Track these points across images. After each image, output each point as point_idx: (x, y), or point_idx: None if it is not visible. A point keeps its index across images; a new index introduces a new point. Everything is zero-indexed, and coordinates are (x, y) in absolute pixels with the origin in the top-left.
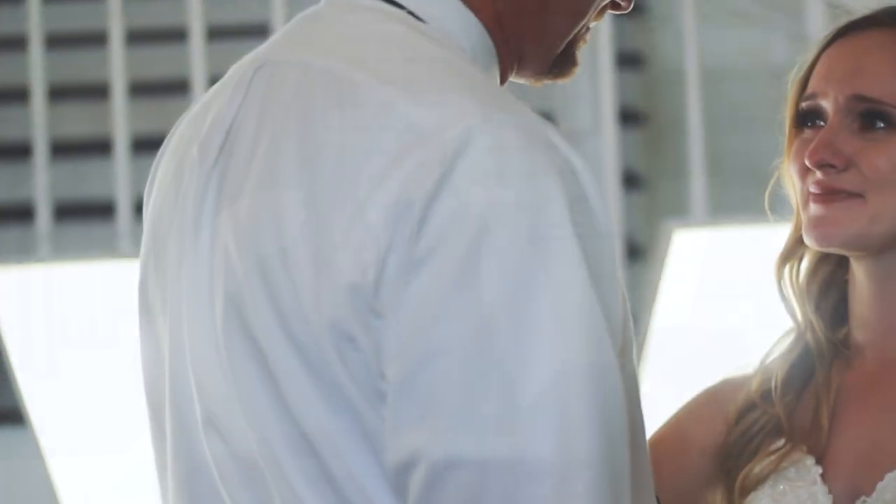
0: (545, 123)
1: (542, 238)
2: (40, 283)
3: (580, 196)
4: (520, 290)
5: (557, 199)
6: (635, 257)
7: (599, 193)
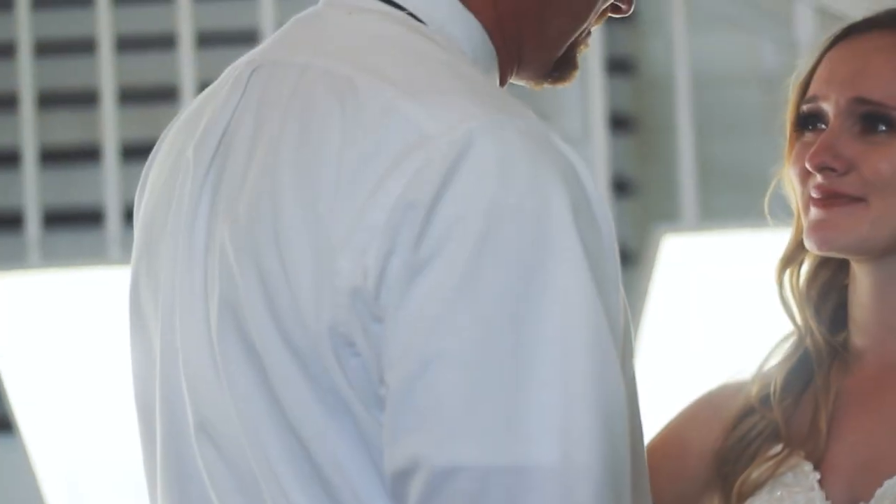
0: (547, 126)
1: (545, 242)
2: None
3: (583, 199)
4: (521, 296)
5: (560, 202)
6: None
7: (601, 197)
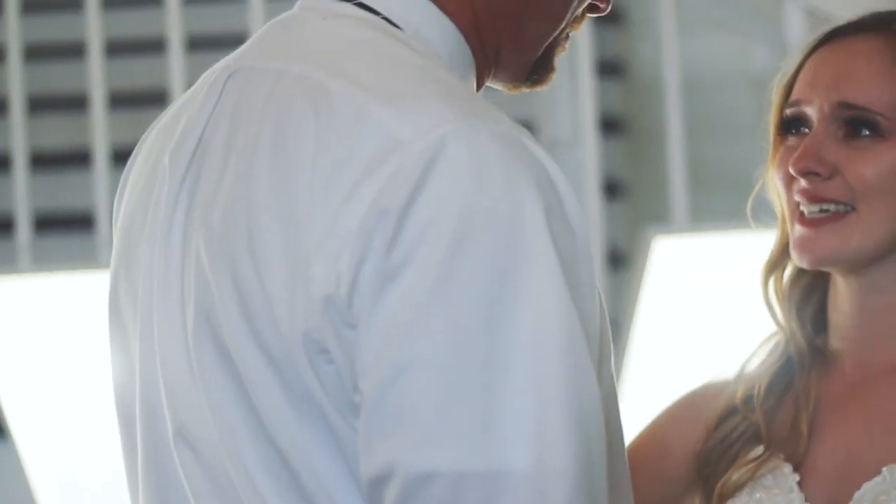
0: (521, 130)
1: (518, 246)
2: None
3: (556, 202)
4: (495, 301)
5: (533, 206)
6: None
7: (576, 200)
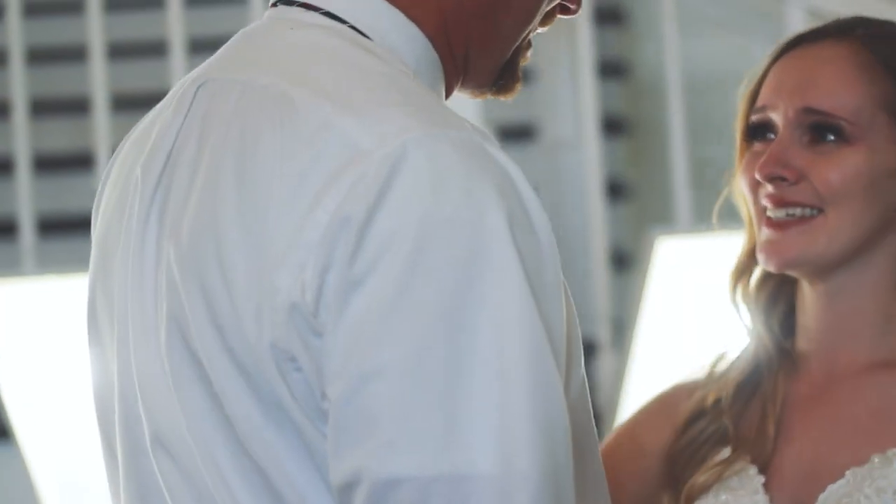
0: (486, 136)
1: (479, 254)
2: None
3: (520, 209)
4: (457, 308)
5: (494, 212)
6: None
7: (540, 205)
